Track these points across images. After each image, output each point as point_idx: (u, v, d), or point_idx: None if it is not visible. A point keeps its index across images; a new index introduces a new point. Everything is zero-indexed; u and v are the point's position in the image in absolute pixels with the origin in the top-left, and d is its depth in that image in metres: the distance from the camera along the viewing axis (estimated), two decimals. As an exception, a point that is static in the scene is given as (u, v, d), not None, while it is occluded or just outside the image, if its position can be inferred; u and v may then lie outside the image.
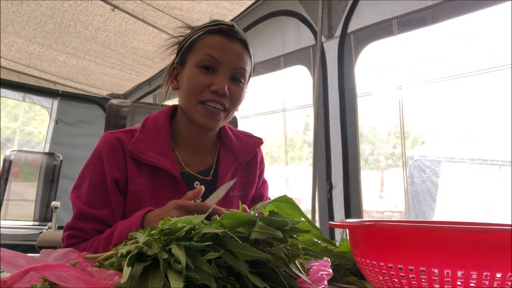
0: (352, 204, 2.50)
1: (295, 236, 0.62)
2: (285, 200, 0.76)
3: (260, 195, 1.14)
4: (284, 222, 0.59)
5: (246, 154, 1.09)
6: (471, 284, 0.51)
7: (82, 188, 0.98)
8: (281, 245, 0.59)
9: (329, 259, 0.71)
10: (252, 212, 0.61)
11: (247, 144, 1.11)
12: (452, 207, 2.20)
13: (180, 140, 1.06)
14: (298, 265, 0.59)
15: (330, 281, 0.69)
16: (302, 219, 0.75)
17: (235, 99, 0.99)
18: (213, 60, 0.96)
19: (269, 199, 1.15)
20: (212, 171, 1.05)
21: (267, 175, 1.21)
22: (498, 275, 0.50)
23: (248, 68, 1.02)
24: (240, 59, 0.98)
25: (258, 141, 1.12)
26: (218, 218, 0.59)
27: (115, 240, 0.86)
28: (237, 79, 0.99)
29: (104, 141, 1.00)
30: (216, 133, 1.10)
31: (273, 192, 1.23)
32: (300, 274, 0.58)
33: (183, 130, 1.05)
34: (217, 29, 0.98)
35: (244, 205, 0.81)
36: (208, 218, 0.59)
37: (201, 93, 0.96)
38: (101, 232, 0.95)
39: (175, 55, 1.08)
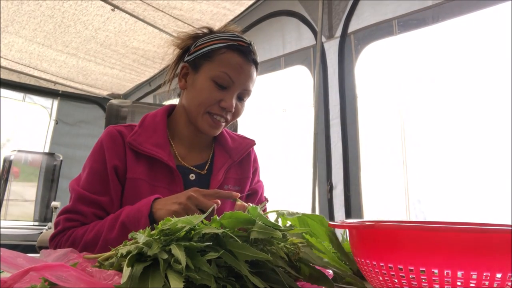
0: (353, 204, 2.50)
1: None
2: (319, 220, 0.70)
3: (254, 191, 1.18)
4: (275, 225, 0.59)
5: (239, 152, 1.15)
6: (471, 284, 0.51)
7: (82, 176, 1.02)
8: (281, 244, 0.59)
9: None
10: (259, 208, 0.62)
11: (241, 144, 1.17)
12: (452, 207, 2.20)
13: (177, 136, 1.12)
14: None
15: (330, 281, 0.69)
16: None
17: (236, 114, 1.08)
18: (229, 79, 1.02)
19: (265, 198, 1.19)
20: (207, 166, 1.11)
21: (267, 175, 1.24)
22: (498, 275, 0.50)
23: (253, 87, 1.10)
24: (250, 81, 1.06)
25: (251, 142, 1.19)
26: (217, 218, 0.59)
27: (123, 218, 0.88)
28: (243, 98, 1.08)
29: (105, 133, 1.06)
30: None
31: (273, 192, 1.25)
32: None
33: (181, 128, 1.12)
34: (237, 45, 1.04)
35: (241, 203, 0.85)
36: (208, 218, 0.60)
37: (211, 106, 1.03)
38: (100, 218, 0.97)
39: (184, 48, 1.12)
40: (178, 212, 0.81)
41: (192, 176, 1.08)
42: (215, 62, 1.03)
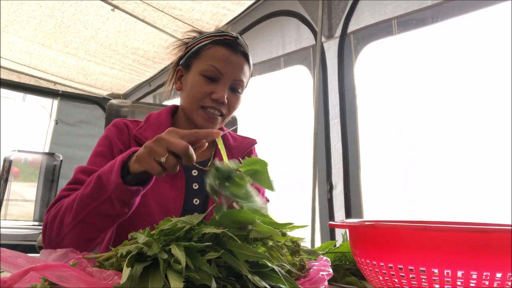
0: (353, 204, 2.50)
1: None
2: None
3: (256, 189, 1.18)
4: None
5: (241, 151, 1.18)
6: (471, 284, 0.51)
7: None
8: (281, 242, 0.59)
9: (329, 259, 0.71)
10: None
11: (242, 143, 1.20)
12: (452, 207, 2.20)
13: None
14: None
15: (330, 281, 0.69)
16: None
17: (231, 107, 1.09)
18: (216, 71, 1.04)
19: (266, 198, 1.21)
20: (209, 163, 1.13)
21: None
22: (498, 275, 0.50)
23: (246, 79, 1.11)
24: (240, 71, 1.07)
25: (252, 141, 1.22)
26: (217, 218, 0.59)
27: (99, 172, 0.81)
28: (236, 89, 1.08)
29: (112, 124, 1.09)
30: None
31: (273, 192, 1.24)
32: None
33: (183, 127, 1.13)
34: (222, 40, 1.06)
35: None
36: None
37: (203, 100, 1.05)
38: None
39: (179, 55, 1.16)
40: (141, 156, 0.72)
41: (194, 172, 1.10)
42: (202, 58, 1.06)
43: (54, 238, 0.85)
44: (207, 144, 0.76)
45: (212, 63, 1.04)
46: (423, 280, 0.53)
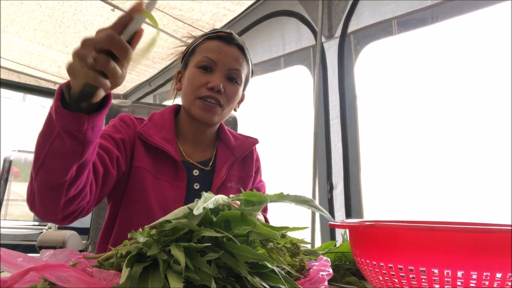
0: (353, 204, 2.50)
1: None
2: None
3: (257, 190, 1.18)
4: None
5: (242, 150, 1.17)
6: (471, 284, 0.51)
7: None
8: (280, 244, 0.59)
9: (329, 259, 0.71)
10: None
11: (244, 143, 1.20)
12: (452, 207, 2.20)
13: (183, 134, 1.15)
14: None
15: (330, 281, 0.69)
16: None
17: (229, 96, 1.08)
18: (210, 61, 1.06)
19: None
20: (210, 163, 1.14)
21: (266, 175, 1.25)
22: (498, 275, 0.50)
23: (244, 71, 1.11)
24: (235, 61, 1.08)
25: (254, 141, 1.22)
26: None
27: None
28: (233, 79, 1.09)
29: (118, 117, 1.10)
30: (215, 131, 1.19)
31: (273, 192, 1.25)
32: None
33: (186, 126, 1.14)
34: (215, 35, 1.09)
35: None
36: None
37: (199, 90, 1.06)
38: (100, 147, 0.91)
39: (180, 62, 1.19)
40: (73, 66, 0.65)
41: (195, 172, 1.10)
42: (197, 53, 1.09)
43: (29, 196, 0.80)
44: (143, 32, 0.68)
45: (206, 54, 1.06)
46: (423, 280, 0.53)
